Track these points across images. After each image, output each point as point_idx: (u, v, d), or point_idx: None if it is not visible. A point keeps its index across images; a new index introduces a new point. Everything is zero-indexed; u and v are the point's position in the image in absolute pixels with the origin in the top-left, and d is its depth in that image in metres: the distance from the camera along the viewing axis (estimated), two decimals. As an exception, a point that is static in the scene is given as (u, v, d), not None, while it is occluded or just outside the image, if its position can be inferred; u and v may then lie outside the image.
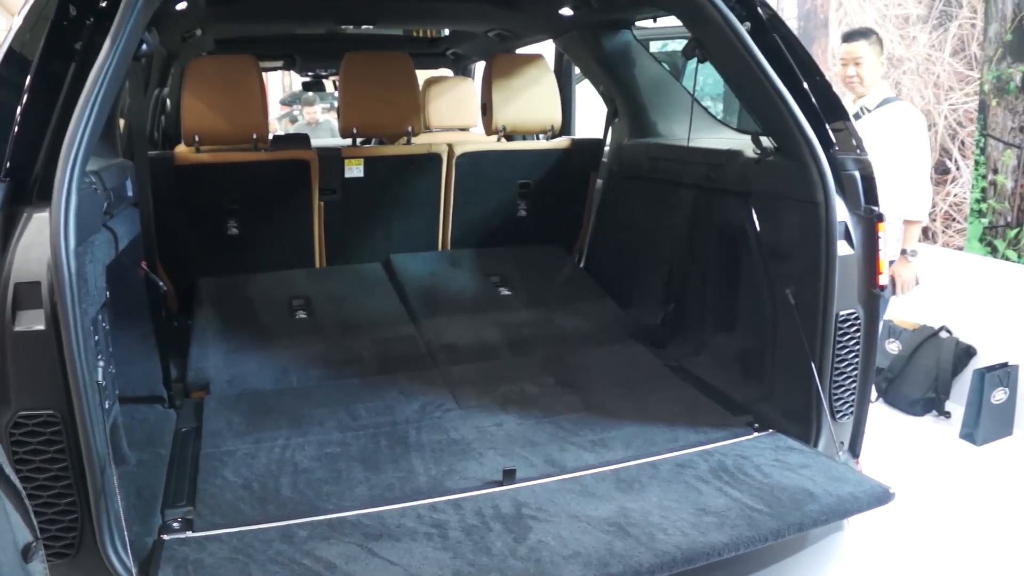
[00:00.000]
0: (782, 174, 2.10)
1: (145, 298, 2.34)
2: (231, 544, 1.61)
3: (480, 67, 4.62)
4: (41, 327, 1.44)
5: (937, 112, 4.05)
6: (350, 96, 2.98)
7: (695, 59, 2.22)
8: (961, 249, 4.00)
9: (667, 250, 2.75)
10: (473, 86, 4.05)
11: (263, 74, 2.95)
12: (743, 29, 2.02)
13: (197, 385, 2.39)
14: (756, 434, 2.09)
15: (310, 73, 5.22)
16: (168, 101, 3.85)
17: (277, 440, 2.06)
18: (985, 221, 3.86)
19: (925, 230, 4.17)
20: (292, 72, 10.12)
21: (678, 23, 2.91)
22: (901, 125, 3.05)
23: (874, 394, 3.44)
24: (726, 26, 2.01)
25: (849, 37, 3.17)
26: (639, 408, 2.23)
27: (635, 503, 1.74)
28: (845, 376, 2.07)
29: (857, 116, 3.08)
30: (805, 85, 2.03)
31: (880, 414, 3.52)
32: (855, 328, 2.05)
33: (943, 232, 4.11)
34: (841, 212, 1.97)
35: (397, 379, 2.43)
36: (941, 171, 4.08)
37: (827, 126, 2.01)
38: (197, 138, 2.77)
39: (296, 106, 10.59)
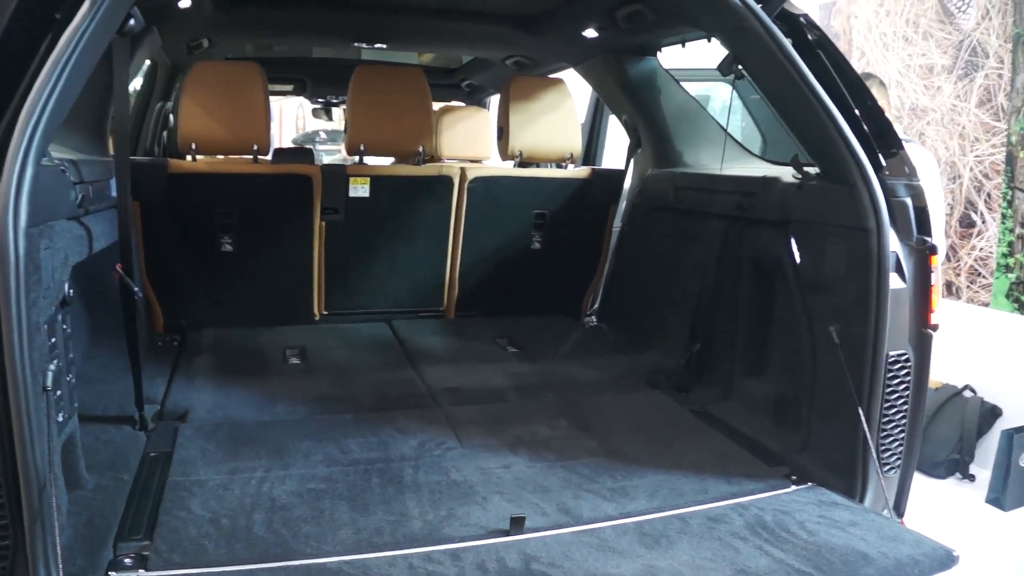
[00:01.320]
0: (827, 199, 1.95)
1: (123, 310, 2.15)
2: None
3: (494, 101, 4.54)
4: None
5: (963, 164, 3.95)
6: (359, 110, 2.85)
7: (728, 87, 2.10)
8: (987, 305, 3.86)
9: (693, 285, 2.58)
10: (488, 117, 3.95)
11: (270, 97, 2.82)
12: (787, 43, 1.89)
13: (175, 414, 2.19)
14: (795, 487, 1.88)
15: (320, 100, 5.16)
16: (171, 116, 3.73)
17: (255, 472, 1.84)
18: (1012, 276, 3.73)
19: (949, 285, 4.03)
20: (306, 110, 10.05)
21: (697, 64, 2.82)
22: None
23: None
24: (769, 39, 1.89)
25: None
26: (663, 455, 2.03)
27: (663, 561, 1.53)
28: (894, 425, 1.89)
29: None
30: (855, 108, 1.89)
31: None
32: (905, 371, 1.87)
33: (968, 287, 3.96)
34: (892, 241, 1.82)
35: (394, 416, 2.22)
36: (966, 224, 3.95)
37: (877, 150, 1.87)
38: (194, 146, 2.63)
39: (307, 147, 10.52)
